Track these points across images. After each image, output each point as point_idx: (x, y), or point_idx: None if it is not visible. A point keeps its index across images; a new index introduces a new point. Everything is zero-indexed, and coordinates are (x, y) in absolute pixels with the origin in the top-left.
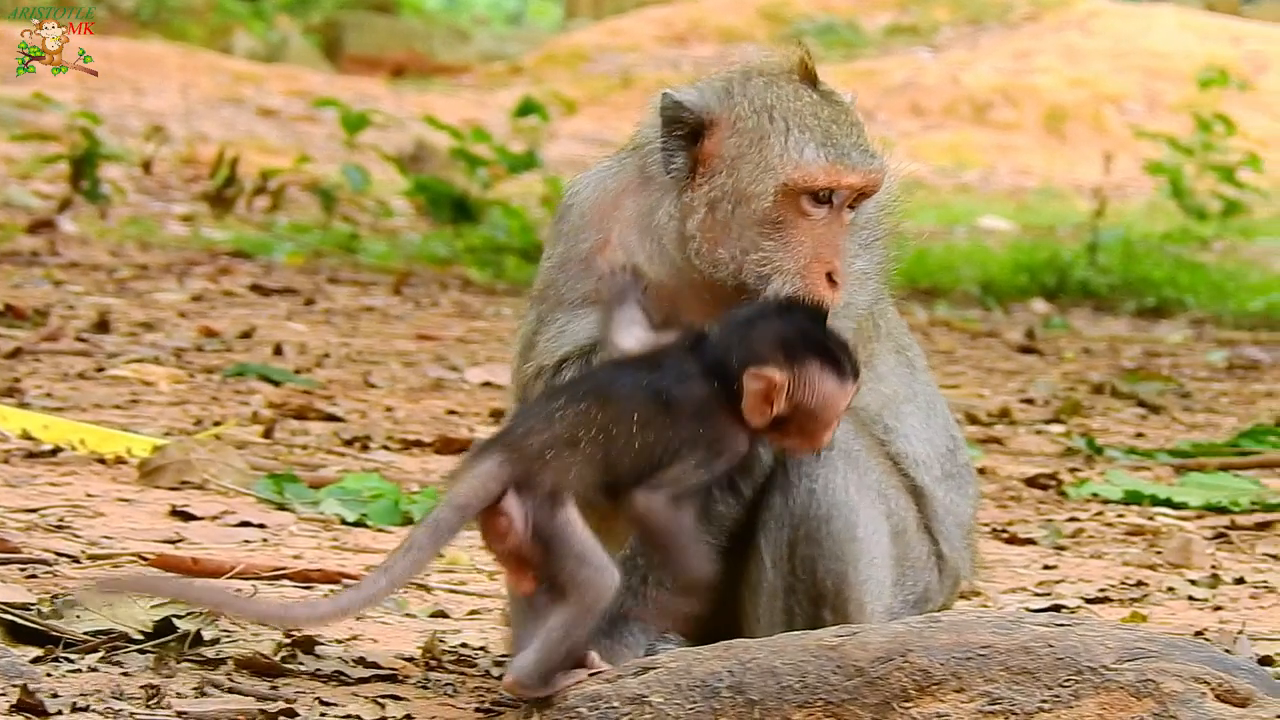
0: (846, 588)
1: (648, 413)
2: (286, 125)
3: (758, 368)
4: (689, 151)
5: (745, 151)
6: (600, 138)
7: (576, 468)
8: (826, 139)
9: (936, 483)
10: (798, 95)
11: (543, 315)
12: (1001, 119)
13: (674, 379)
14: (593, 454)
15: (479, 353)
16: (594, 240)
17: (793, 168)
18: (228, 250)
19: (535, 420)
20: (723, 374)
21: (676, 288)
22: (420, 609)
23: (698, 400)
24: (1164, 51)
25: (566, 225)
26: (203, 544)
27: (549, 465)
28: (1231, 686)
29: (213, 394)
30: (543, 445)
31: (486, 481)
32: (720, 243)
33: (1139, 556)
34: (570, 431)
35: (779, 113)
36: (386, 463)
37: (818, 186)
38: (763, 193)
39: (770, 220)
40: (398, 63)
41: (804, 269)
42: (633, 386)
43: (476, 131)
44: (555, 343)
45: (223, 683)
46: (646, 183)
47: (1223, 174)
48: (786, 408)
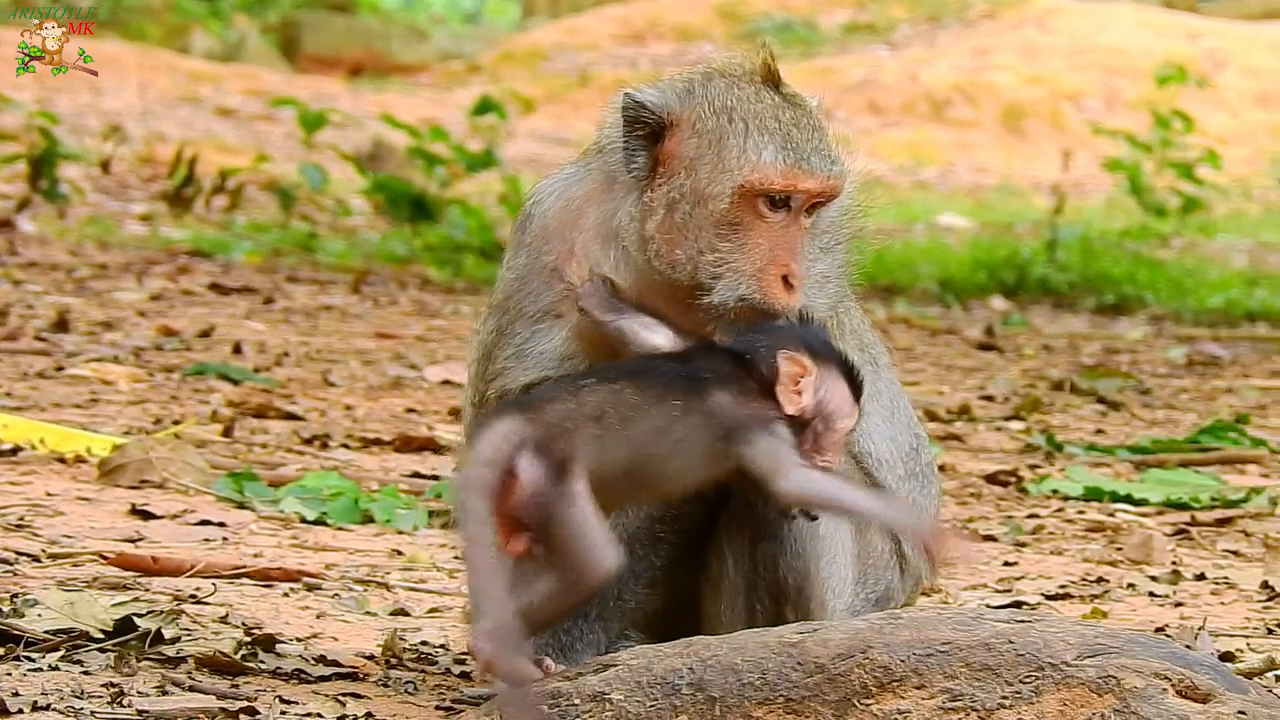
0: (808, 585)
1: (683, 396)
2: (244, 124)
3: (788, 352)
4: (649, 151)
5: (704, 152)
6: (558, 136)
7: (596, 443)
8: (786, 142)
9: (900, 482)
10: (759, 97)
11: (502, 327)
12: (960, 117)
13: (706, 367)
14: (617, 433)
15: (438, 351)
16: (558, 252)
17: (750, 170)
18: (186, 249)
19: (561, 391)
20: (752, 365)
21: (640, 292)
22: (380, 607)
23: (732, 386)
24: (1122, 49)
25: (529, 236)
26: (163, 542)
27: (568, 434)
28: (1192, 682)
29: (172, 393)
30: (565, 414)
31: (507, 436)
32: (677, 244)
33: (1099, 553)
34: (597, 407)
35: (739, 114)
36: (346, 461)
37: (774, 189)
38: (720, 194)
39: (727, 222)
40: (355, 62)
41: (759, 271)
42: (668, 372)
43: (434, 130)
44: (518, 362)
45: (184, 681)
46: (609, 186)
47: (1181, 171)
48: (812, 405)
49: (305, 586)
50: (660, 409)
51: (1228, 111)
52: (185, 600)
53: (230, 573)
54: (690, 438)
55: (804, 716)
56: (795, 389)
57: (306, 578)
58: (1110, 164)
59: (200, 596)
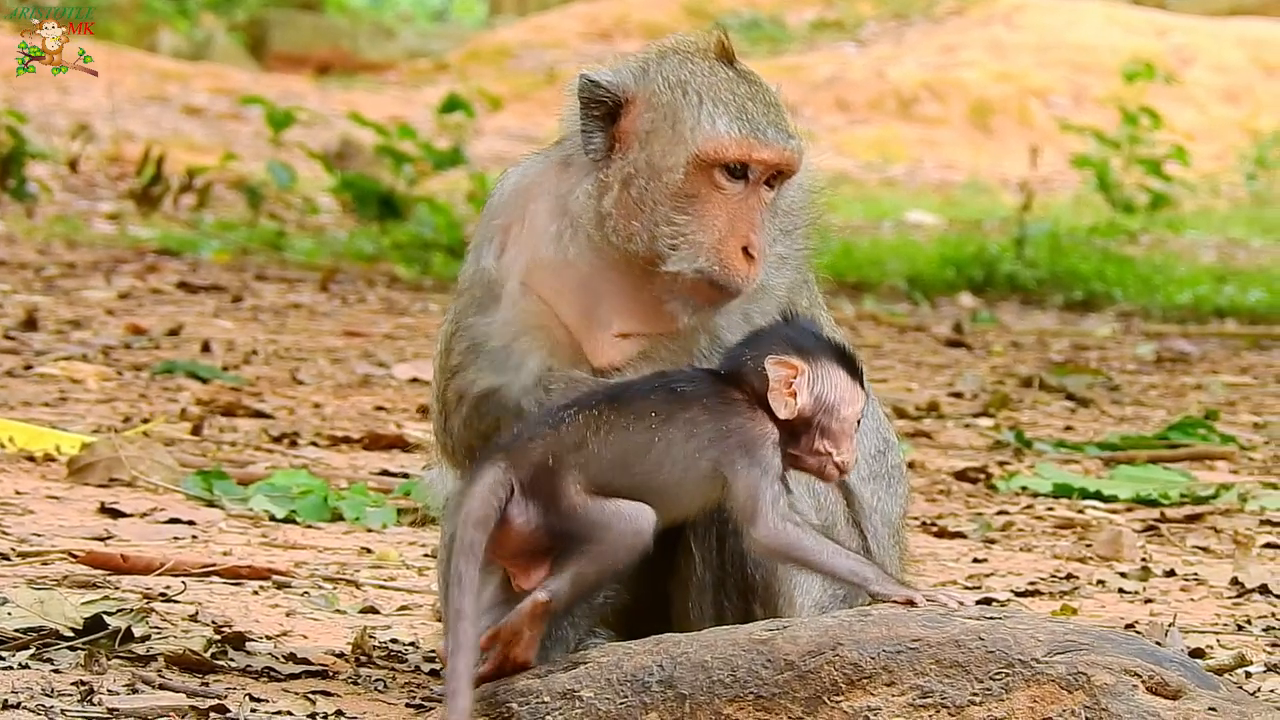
0: (776, 582)
1: (666, 409)
2: (212, 123)
3: (776, 357)
4: (606, 131)
5: (659, 126)
6: (525, 134)
7: (581, 470)
8: (740, 113)
9: (863, 482)
10: (714, 71)
11: (459, 317)
12: (927, 113)
13: (685, 379)
14: (602, 458)
15: (406, 349)
16: (506, 220)
17: (704, 139)
18: (155, 248)
19: (540, 427)
20: (740, 373)
21: (590, 271)
22: (350, 605)
23: (715, 396)
24: (1089, 45)
25: (486, 212)
26: (132, 541)
27: (553, 469)
28: (1163, 679)
29: (141, 391)
30: (546, 449)
31: (494, 489)
32: (634, 217)
33: (1069, 549)
34: (578, 435)
35: (693, 87)
36: (315, 459)
37: (729, 159)
38: (675, 165)
39: (683, 194)
40: (323, 60)
41: (718, 243)
42: (646, 387)
43: (402, 128)
44: (473, 358)
45: (154, 679)
46: (566, 166)
47: (1149, 167)
48: (809, 403)
49: (275, 584)
50: (641, 430)
51: (1195, 108)
52: (155, 598)
53: (200, 571)
54: (677, 458)
55: (774, 714)
56: (789, 393)
57: (276, 576)
58: (1078, 160)
59: (170, 595)
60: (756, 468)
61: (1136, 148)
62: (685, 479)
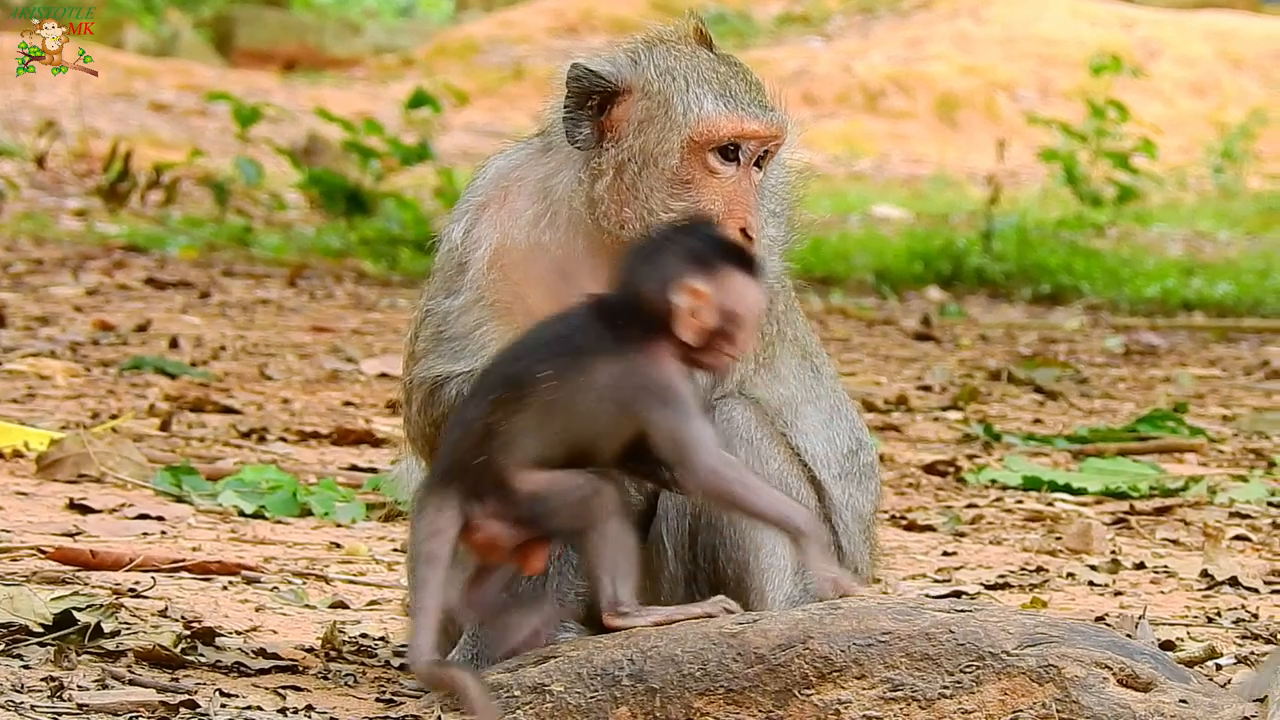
0: (748, 576)
1: (562, 371)
2: (179, 119)
3: (680, 282)
4: (595, 121)
5: (653, 114)
6: (492, 129)
7: (507, 451)
8: (724, 90)
9: (834, 479)
10: (695, 54)
11: (429, 299)
12: (894, 107)
13: (576, 328)
14: (522, 434)
15: (374, 344)
16: (484, 198)
17: (696, 121)
18: (122, 244)
19: (457, 433)
20: (640, 307)
21: (565, 256)
22: (319, 600)
23: (609, 339)
24: (1056, 38)
25: (466, 192)
26: (101, 537)
27: (487, 467)
28: (1133, 671)
29: (109, 387)
30: (471, 453)
31: (443, 514)
32: (628, 204)
33: (1038, 542)
34: (493, 426)
35: (680, 72)
36: (284, 454)
37: (721, 137)
38: (669, 151)
39: (679, 180)
40: (289, 56)
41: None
42: (539, 351)
43: (369, 124)
44: (435, 345)
45: (123, 675)
46: (548, 152)
47: (1116, 160)
48: (716, 319)
49: (244, 580)
50: (546, 399)
51: (1162, 101)
52: (124, 594)
53: (169, 566)
54: (590, 414)
55: (744, 707)
56: (695, 318)
57: (245, 571)
58: (1045, 154)
59: (139, 590)
60: (674, 412)
61: (1103, 141)
62: (606, 429)
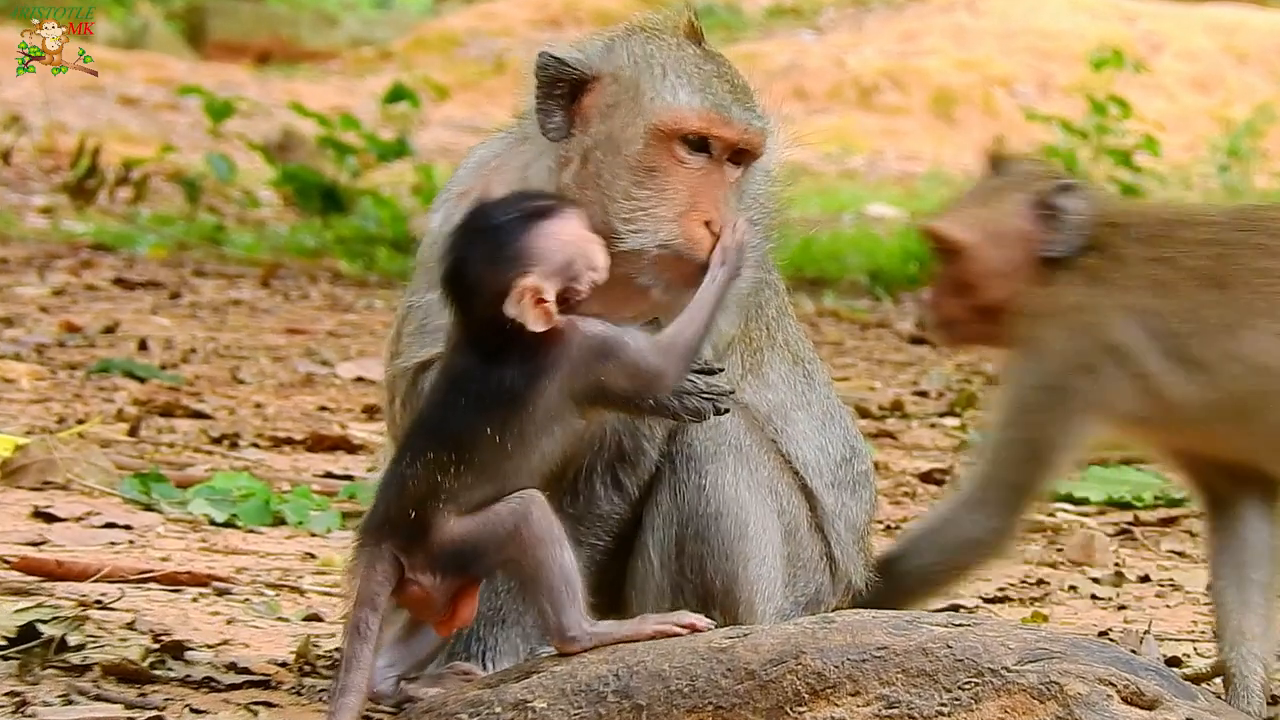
0: (736, 588)
1: (501, 421)
2: (149, 114)
3: (506, 289)
4: (566, 110)
5: (621, 99)
6: (473, 124)
7: (447, 503)
8: (704, 86)
9: (827, 487)
10: (681, 48)
11: (411, 295)
12: (888, 103)
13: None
14: (460, 487)
15: (350, 347)
16: (464, 188)
17: (664, 110)
18: (89, 243)
19: (390, 491)
20: (495, 320)
21: None
22: (293, 612)
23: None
24: (1055, 31)
25: (448, 183)
26: (67, 546)
27: (419, 522)
28: (1138, 688)
29: (76, 391)
30: (403, 508)
31: (374, 569)
32: (592, 191)
33: (1039, 554)
34: (429, 482)
35: (658, 61)
36: (256, 461)
37: (688, 130)
38: (634, 137)
39: (643, 167)
40: (263, 49)
41: (680, 217)
42: (458, 411)
43: (345, 119)
44: (418, 338)
45: (89, 690)
46: (525, 141)
47: (1118, 158)
48: (559, 293)
49: (215, 591)
50: (483, 444)
51: (1165, 96)
52: (91, 606)
53: (137, 577)
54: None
55: None
56: (540, 311)
57: (216, 582)
58: (1044, 151)
59: (106, 602)
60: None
61: (1105, 138)
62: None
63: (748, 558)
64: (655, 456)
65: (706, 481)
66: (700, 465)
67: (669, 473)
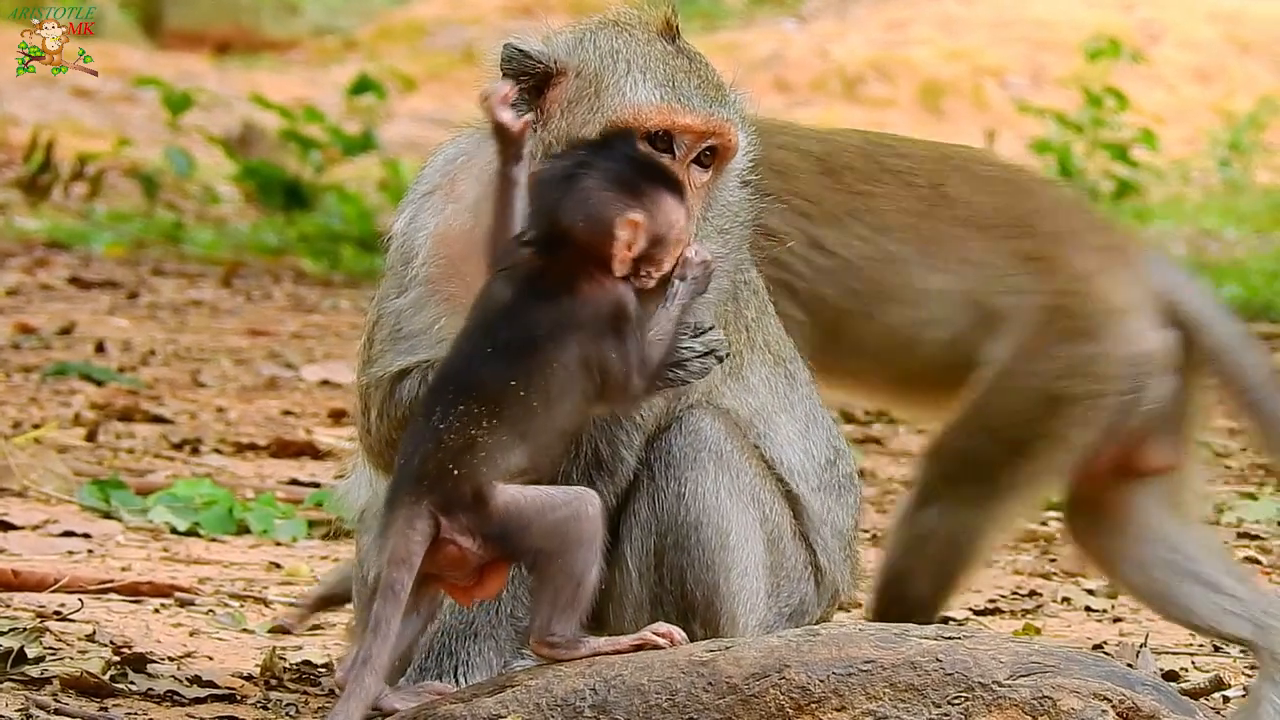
0: (718, 599)
1: (528, 371)
2: (104, 106)
3: (622, 218)
4: (531, 104)
5: (583, 94)
6: (441, 117)
7: (487, 464)
8: (667, 82)
9: (812, 492)
10: (649, 43)
11: (380, 300)
12: (874, 94)
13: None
14: (496, 443)
15: (315, 349)
16: (430, 186)
17: (623, 105)
18: (43, 241)
19: (423, 443)
20: (570, 245)
21: None
22: (258, 624)
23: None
24: (1049, 20)
25: (415, 181)
26: (24, 555)
27: (460, 477)
28: (1135, 704)
29: (31, 394)
30: (441, 464)
31: (413, 526)
32: None
33: (1031, 564)
34: (464, 436)
35: (623, 56)
36: (219, 467)
37: (649, 126)
38: (591, 133)
39: None
40: (223, 38)
41: None
42: (494, 359)
43: (308, 111)
44: (392, 344)
45: (49, 704)
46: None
47: (1115, 152)
48: (645, 244)
49: (177, 602)
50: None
51: (1164, 88)
52: (49, 617)
53: (97, 587)
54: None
55: None
56: (626, 249)
57: (179, 593)
58: (1038, 145)
59: (65, 613)
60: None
61: (1100, 131)
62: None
63: (729, 568)
64: (633, 464)
65: (686, 489)
66: (679, 472)
67: (647, 480)
